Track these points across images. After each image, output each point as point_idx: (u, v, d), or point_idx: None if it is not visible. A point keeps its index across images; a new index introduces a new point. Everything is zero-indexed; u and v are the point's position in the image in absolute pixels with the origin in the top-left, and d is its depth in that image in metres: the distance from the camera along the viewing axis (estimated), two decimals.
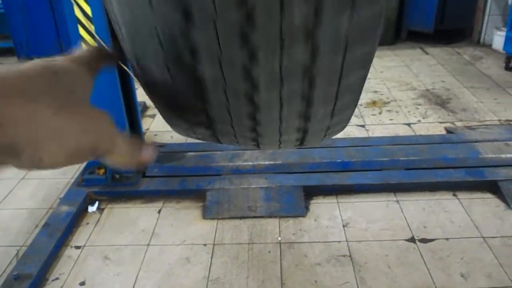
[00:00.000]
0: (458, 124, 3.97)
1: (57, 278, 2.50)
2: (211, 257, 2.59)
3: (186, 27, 0.49)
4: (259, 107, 0.58)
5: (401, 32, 6.45)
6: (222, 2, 0.46)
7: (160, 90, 0.61)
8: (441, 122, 4.03)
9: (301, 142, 0.70)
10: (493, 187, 3.01)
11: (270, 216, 2.88)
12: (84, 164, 3.30)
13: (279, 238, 2.71)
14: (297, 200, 2.98)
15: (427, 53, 5.95)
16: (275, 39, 0.49)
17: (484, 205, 2.90)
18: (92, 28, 2.79)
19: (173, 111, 0.65)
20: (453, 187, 3.04)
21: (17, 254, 2.68)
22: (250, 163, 3.28)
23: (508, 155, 3.21)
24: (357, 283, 2.36)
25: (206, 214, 2.94)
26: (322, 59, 0.53)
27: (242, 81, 0.54)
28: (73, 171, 3.52)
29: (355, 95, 0.64)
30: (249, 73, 0.53)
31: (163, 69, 0.56)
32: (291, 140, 0.69)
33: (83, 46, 2.87)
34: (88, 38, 2.85)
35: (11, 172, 3.52)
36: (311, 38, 0.50)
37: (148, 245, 2.72)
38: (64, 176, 3.46)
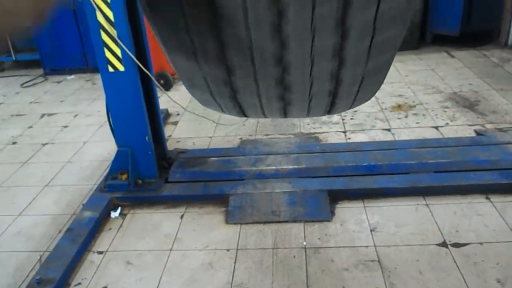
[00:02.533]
0: (488, 126, 3.83)
1: (79, 283, 2.47)
2: (235, 262, 2.53)
3: None
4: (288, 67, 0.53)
5: (425, 36, 6.32)
6: None
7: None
8: (470, 125, 3.90)
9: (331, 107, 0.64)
10: None
11: (295, 221, 2.80)
12: (107, 170, 3.30)
13: (304, 243, 2.62)
14: (322, 204, 2.90)
15: (453, 56, 5.80)
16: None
17: None
18: (114, 33, 2.79)
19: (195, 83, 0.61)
20: (486, 190, 2.91)
21: (40, 259, 2.67)
22: (274, 167, 3.22)
23: None
24: None
25: (229, 219, 2.88)
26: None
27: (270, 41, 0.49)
28: (96, 177, 3.52)
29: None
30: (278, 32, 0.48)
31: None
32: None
33: (106, 51, 2.88)
34: (110, 43, 2.85)
35: (36, 179, 3.54)
36: None
37: (171, 250, 2.67)
38: (88, 183, 3.46)
